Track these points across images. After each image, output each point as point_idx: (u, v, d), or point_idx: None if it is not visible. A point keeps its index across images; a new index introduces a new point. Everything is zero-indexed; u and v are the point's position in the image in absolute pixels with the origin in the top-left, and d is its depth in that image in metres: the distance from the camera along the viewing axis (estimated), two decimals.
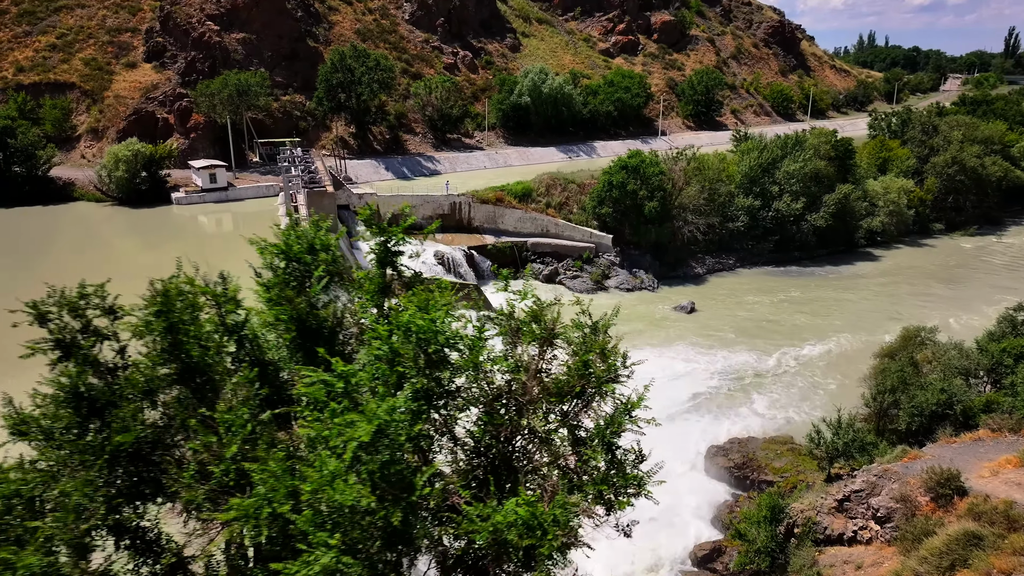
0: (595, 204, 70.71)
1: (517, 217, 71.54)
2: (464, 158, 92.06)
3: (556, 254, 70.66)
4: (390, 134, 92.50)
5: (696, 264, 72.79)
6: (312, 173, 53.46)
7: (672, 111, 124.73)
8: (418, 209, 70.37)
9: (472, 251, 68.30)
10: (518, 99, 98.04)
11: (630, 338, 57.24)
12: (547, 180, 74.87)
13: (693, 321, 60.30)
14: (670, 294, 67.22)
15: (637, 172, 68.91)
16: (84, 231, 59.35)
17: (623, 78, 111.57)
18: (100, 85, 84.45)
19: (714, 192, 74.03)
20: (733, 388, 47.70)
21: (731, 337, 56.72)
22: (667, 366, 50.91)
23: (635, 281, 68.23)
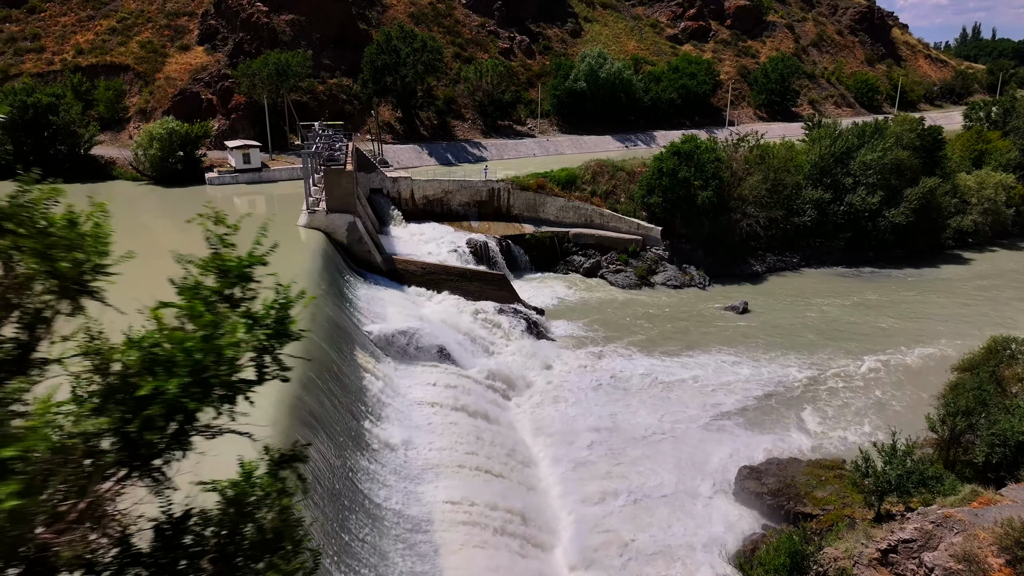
0: (644, 193, 65.30)
1: (559, 206, 66.92)
2: (512, 145, 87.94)
3: (599, 246, 65.68)
4: (438, 119, 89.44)
5: (755, 262, 66.26)
6: (335, 152, 50.60)
7: (743, 101, 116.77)
8: (454, 195, 66.88)
9: (508, 241, 64.17)
10: (573, 84, 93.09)
11: (673, 337, 52.12)
12: (594, 167, 69.89)
13: (745, 323, 54.23)
14: (723, 293, 61.16)
15: (690, 158, 63.09)
16: (114, 208, 58.48)
17: (688, 64, 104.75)
18: (153, 67, 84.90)
19: (779, 183, 67.29)
20: (782, 399, 41.77)
21: (787, 342, 50.47)
22: (709, 370, 45.42)
23: (684, 278, 62.47)
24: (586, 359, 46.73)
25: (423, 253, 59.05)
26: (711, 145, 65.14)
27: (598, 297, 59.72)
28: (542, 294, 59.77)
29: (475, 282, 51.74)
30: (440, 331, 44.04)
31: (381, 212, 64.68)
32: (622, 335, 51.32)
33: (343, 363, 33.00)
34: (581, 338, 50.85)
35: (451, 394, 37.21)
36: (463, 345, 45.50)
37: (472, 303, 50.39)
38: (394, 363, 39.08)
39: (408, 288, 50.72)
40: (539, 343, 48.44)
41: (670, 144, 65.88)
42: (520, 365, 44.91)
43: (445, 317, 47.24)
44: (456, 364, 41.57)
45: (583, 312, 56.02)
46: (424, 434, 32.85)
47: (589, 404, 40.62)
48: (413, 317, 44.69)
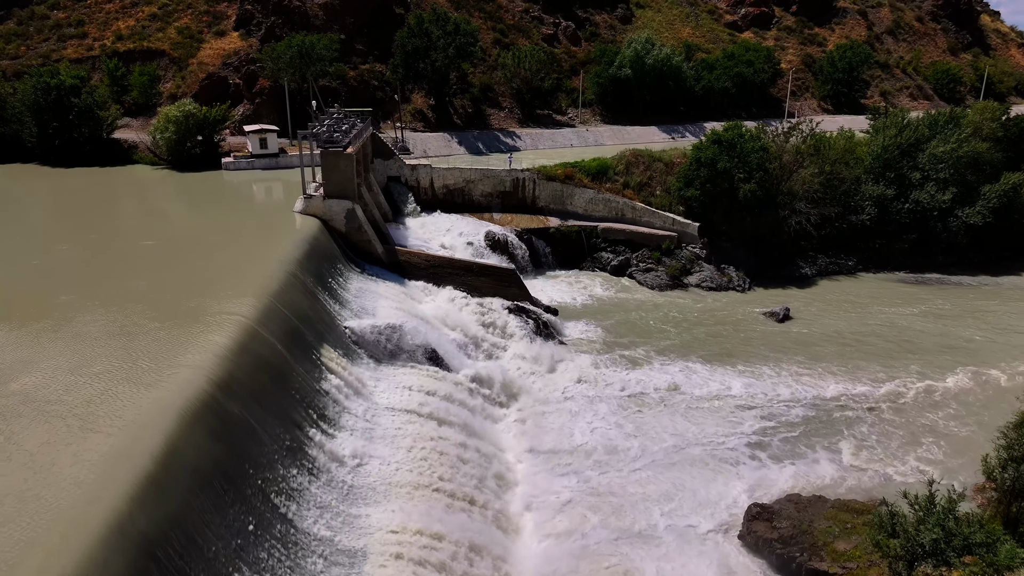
0: (681, 186, 59.73)
1: (588, 198, 62.03)
2: (549, 135, 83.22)
3: (630, 242, 60.49)
4: (472, 108, 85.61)
5: (804, 263, 59.73)
6: (335, 134, 47.32)
7: (806, 91, 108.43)
8: (476, 185, 62.93)
9: (531, 234, 59.77)
10: (617, 72, 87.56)
11: (701, 346, 46.63)
12: (628, 156, 64.63)
13: (785, 330, 48.25)
14: (764, 297, 55.11)
15: (733, 148, 57.19)
16: (111, 192, 56.95)
17: (746, 51, 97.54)
18: (187, 52, 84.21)
19: (834, 177, 60.51)
20: (817, 422, 36.02)
21: (832, 355, 44.37)
22: (737, 384, 40.01)
23: (722, 279, 56.65)
24: (598, 367, 41.95)
25: (435, 245, 55.37)
26: (756, 134, 58.98)
27: (624, 298, 54.65)
28: (562, 292, 55.17)
29: (482, 277, 47.62)
30: (432, 329, 40.16)
31: (397, 201, 61.31)
32: (644, 341, 46.26)
33: (300, 362, 29.45)
34: (597, 343, 46.05)
35: (430, 401, 33.24)
36: (460, 345, 41.50)
37: (477, 300, 46.30)
38: (373, 363, 35.38)
39: (410, 282, 47.04)
40: (547, 346, 43.92)
41: (710, 132, 60.07)
42: (520, 370, 40.56)
43: (444, 314, 43.34)
44: (445, 366, 37.57)
45: (605, 313, 51.13)
46: (385, 446, 28.95)
47: (592, 419, 35.94)
48: (406, 313, 40.92)
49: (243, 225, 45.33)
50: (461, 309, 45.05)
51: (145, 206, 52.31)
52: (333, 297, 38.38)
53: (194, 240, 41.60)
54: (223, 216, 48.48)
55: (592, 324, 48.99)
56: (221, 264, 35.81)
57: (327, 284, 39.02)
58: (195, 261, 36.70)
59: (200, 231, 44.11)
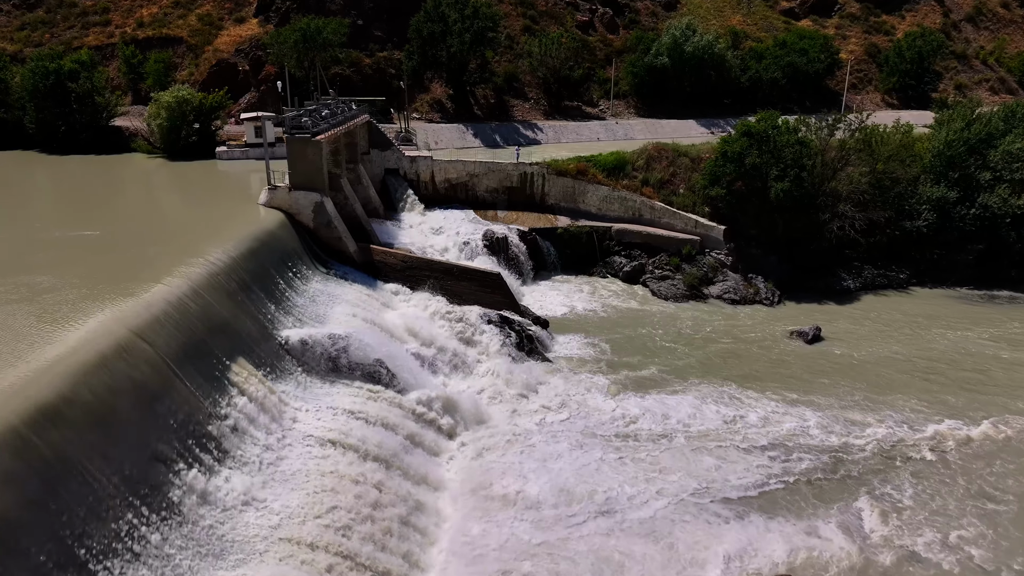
0: (707, 184, 52.99)
1: (602, 196, 55.96)
2: (574, 128, 77.15)
3: (647, 246, 54.16)
4: (495, 98, 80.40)
5: (846, 275, 52.17)
6: (309, 119, 42.87)
7: (868, 84, 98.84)
8: (480, 179, 57.73)
9: (536, 234, 54.17)
10: (653, 60, 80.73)
11: (711, 369, 40.06)
12: (651, 150, 58.20)
13: (813, 354, 41.27)
14: (795, 312, 48.00)
15: (765, 141, 50.22)
16: (88, 181, 54.10)
17: (800, 39, 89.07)
18: (204, 39, 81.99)
19: (887, 176, 52.72)
20: (837, 472, 29.36)
21: (866, 385, 37.31)
22: (744, 419, 33.59)
23: (748, 290, 49.75)
24: (584, 392, 36.09)
25: (426, 244, 50.47)
26: (795, 125, 51.75)
27: (633, 309, 48.47)
28: (564, 300, 49.42)
29: (463, 281, 42.35)
30: (390, 341, 35.12)
31: (393, 195, 56.66)
32: (646, 361, 40.13)
33: (192, 381, 24.77)
34: (590, 362, 40.17)
35: (360, 429, 28.17)
36: (423, 360, 36.32)
37: (454, 307, 41.07)
38: (309, 380, 30.59)
39: (384, 284, 42.20)
40: (527, 364, 38.31)
41: (740, 123, 53.15)
42: (487, 393, 35.11)
43: (411, 322, 38.26)
44: (396, 385, 32.42)
45: (608, 327, 45.15)
46: (286, 487, 24.01)
47: (562, 458, 30.18)
48: (365, 321, 36.04)
49: (199, 218, 41.35)
50: (433, 317, 39.91)
51: (112, 196, 49.10)
52: (276, 302, 33.74)
53: (137, 233, 37.65)
54: (184, 208, 44.79)
55: (589, 339, 43.07)
56: (143, 261, 31.57)
57: (272, 287, 34.42)
58: (119, 256, 32.61)
59: (150, 223, 40.30)
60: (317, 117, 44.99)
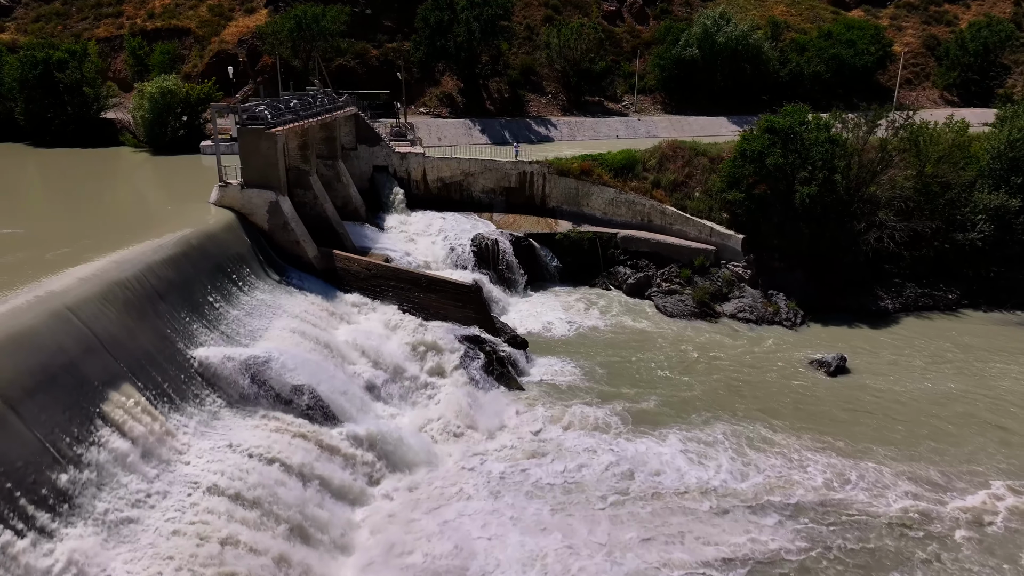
0: (724, 187, 46.93)
1: (608, 198, 50.43)
2: (591, 125, 71.57)
3: (656, 255, 48.43)
4: (510, 92, 75.40)
5: (884, 294, 45.45)
6: (266, 108, 38.69)
7: (925, 79, 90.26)
8: (476, 179, 52.82)
9: (532, 240, 48.98)
10: (682, 52, 74.54)
11: (710, 406, 30.07)
12: (665, 148, 52.33)
13: (835, 389, 35.06)
14: (819, 336, 41.64)
15: (790, 139, 43.96)
16: (57, 174, 51.19)
17: (847, 29, 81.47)
18: (212, 31, 79.34)
19: (936, 180, 45.78)
20: (841, 557, 23.44)
21: (895, 433, 31.10)
22: (734, 474, 27.90)
23: (766, 309, 43.57)
24: (548, 430, 30.85)
25: (407, 250, 45.87)
26: (826, 121, 45.30)
27: (634, 328, 42.84)
28: (556, 315, 44.14)
29: (431, 293, 37.50)
30: (331, 363, 30.54)
31: (381, 195, 52.23)
32: (636, 393, 34.62)
33: (39, 415, 20.56)
34: (569, 391, 34.85)
35: (262, 472, 23.60)
36: (371, 387, 31.71)
37: (419, 323, 36.29)
38: (218, 409, 26.22)
39: (345, 295, 37.68)
40: (493, 394, 33.27)
41: (762, 118, 46.91)
42: (437, 428, 30.17)
43: (364, 340, 33.62)
44: (329, 417, 27.83)
45: (600, 348, 39.72)
46: (134, 552, 19.59)
47: (499, 517, 25.07)
48: (308, 339, 31.57)
49: (141, 217, 37.62)
50: (391, 334, 35.19)
51: (68, 192, 45.87)
52: (201, 315, 29.46)
53: (66, 232, 33.96)
54: (132, 205, 41.22)
55: (575, 363, 37.71)
56: (45, 266, 27.68)
57: (200, 297, 30.16)
58: (25, 258, 28.86)
59: (87, 222, 36.65)
60: (281, 108, 40.73)
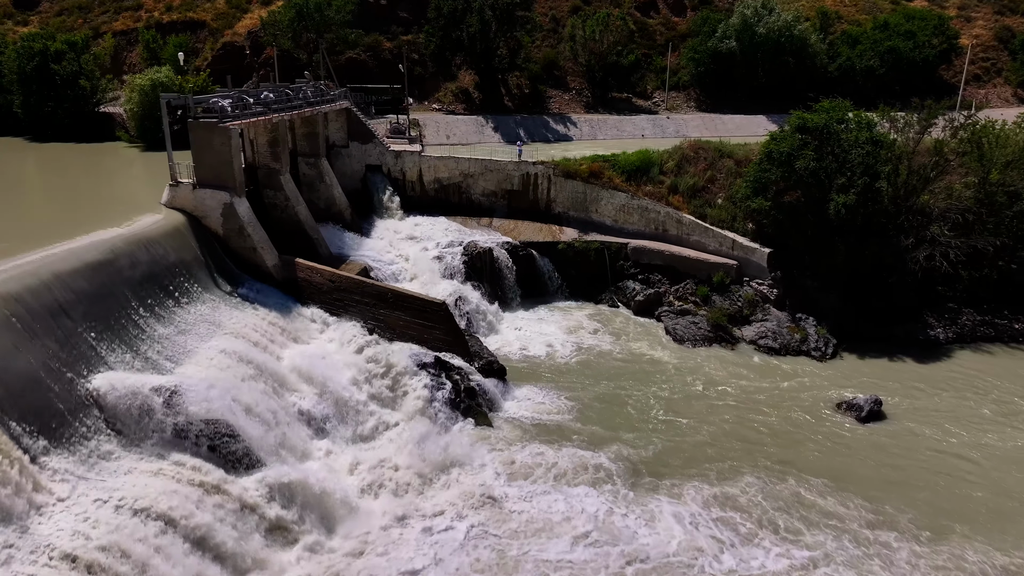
0: (749, 193, 41.19)
1: (619, 204, 45.24)
2: (615, 123, 66.15)
3: (671, 269, 43.07)
4: (531, 88, 70.62)
5: (935, 321, 39.06)
6: (223, 99, 34.98)
7: (996, 75, 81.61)
8: (476, 180, 48.29)
9: (531, 249, 44.20)
10: (719, 44, 68.49)
11: (708, 457, 20.45)
12: (686, 149, 46.82)
13: (866, 438, 29.26)
14: (852, 371, 35.63)
15: (826, 138, 38.05)
16: (27, 171, 48.70)
17: (906, 20, 73.91)
18: (227, 23, 76.96)
19: (1001, 190, 39.17)
20: None
21: (941, 505, 25.19)
22: (721, 556, 22.69)
23: (793, 335, 37.74)
24: (513, 483, 26.08)
25: (391, 259, 41.70)
26: (868, 120, 39.18)
27: (638, 353, 37.60)
28: (551, 335, 39.28)
29: (399, 310, 33.10)
30: (251, 393, 26.31)
31: (372, 196, 48.20)
32: (633, 436, 29.59)
33: None
34: (549, 429, 30.00)
35: (139, 532, 19.56)
36: (311, 420, 27.51)
37: (381, 344, 31.97)
38: (110, 448, 22.31)
39: (304, 309, 33.66)
40: (454, 431, 28.68)
41: (794, 115, 41.04)
42: (374, 474, 25.69)
43: (312, 365, 29.43)
44: (238, 459, 23.73)
45: (593, 376, 34.73)
46: None
47: None
48: (243, 362, 27.56)
49: (78, 218, 33.97)
50: (347, 358, 30.89)
51: (26, 189, 43.07)
52: (115, 334, 25.68)
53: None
54: (76, 205, 38.03)
55: (563, 395, 32.81)
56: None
57: (120, 312, 26.42)
58: None
59: (12, 222, 33.24)
60: (248, 100, 36.93)
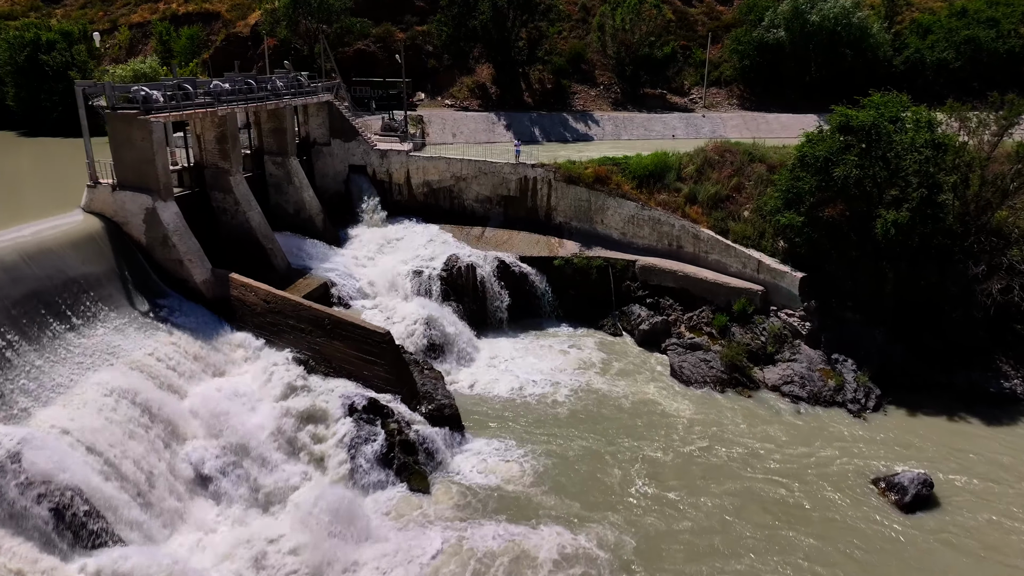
0: (779, 205, 34.26)
1: (627, 215, 38.93)
2: (643, 121, 59.40)
3: (683, 293, 36.54)
4: (554, 83, 64.64)
5: (1012, 369, 31.38)
6: (150, 89, 30.51)
7: None
8: (469, 184, 42.78)
9: (524, 264, 38.36)
10: (765, 34, 61.06)
11: (706, 554, 17.20)
12: (710, 151, 40.10)
13: (911, 533, 22.34)
14: (899, 431, 28.49)
15: (875, 140, 30.96)
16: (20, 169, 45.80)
17: (989, 5, 64.66)
18: (240, 15, 73.83)
19: None
20: None
21: None
22: None
23: (827, 382, 30.78)
24: None
25: (360, 273, 36.60)
26: (931, 118, 31.85)
27: (635, 396, 31.28)
28: (532, 369, 33.42)
29: (338, 339, 27.83)
30: (126, 445, 21.46)
31: (354, 200, 43.26)
32: (608, 516, 23.52)
33: None
34: (503, 500, 24.19)
35: None
36: (203, 475, 22.47)
37: (312, 380, 26.77)
38: None
39: (235, 333, 28.77)
40: (378, 497, 23.29)
41: (837, 111, 34.05)
42: (254, 564, 20.38)
43: (218, 404, 24.48)
44: (91, 533, 18.85)
45: (574, 425, 28.74)
46: None
47: None
48: (131, 400, 22.82)
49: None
50: (266, 396, 25.77)
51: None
52: None
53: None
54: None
55: (530, 451, 26.90)
56: None
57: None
58: None
59: None
60: (190, 90, 32.34)
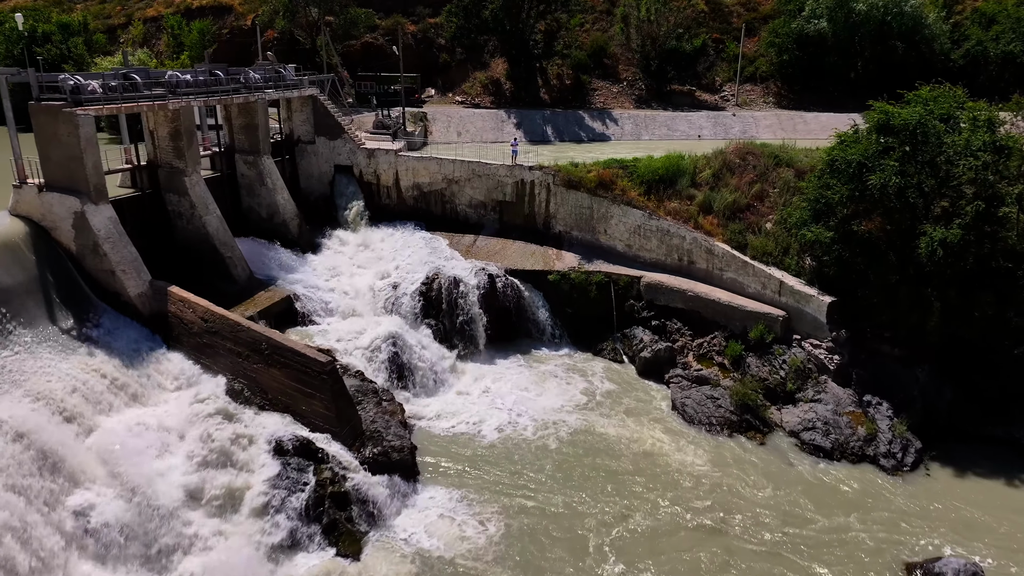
0: (806, 217, 29.36)
1: (632, 225, 34.45)
2: (666, 120, 54.49)
3: (693, 315, 31.93)
4: (572, 78, 60.31)
5: None
6: (102, 81, 27.41)
7: None
8: (463, 187, 38.90)
9: (516, 278, 34.24)
10: (805, 25, 55.57)
11: None
12: (731, 153, 35.32)
13: None
14: (944, 497, 23.49)
15: (921, 142, 25.97)
16: None
17: None
18: (251, 8, 71.40)
19: None
20: None
21: None
22: None
23: (856, 429, 25.88)
24: None
25: (329, 286, 33.07)
26: (990, 116, 26.58)
27: (628, 437, 26.89)
28: (509, 402, 29.26)
29: (275, 367, 24.18)
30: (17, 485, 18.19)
31: (337, 204, 39.79)
32: None
33: None
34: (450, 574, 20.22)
35: None
36: (91, 530, 19.13)
37: (241, 412, 23.22)
38: None
39: (168, 354, 25.44)
40: (297, 564, 19.40)
41: (876, 107, 29.12)
42: None
43: (123, 445, 21.10)
44: None
45: (551, 476, 24.65)
46: None
47: None
48: (17, 439, 19.58)
49: None
50: (186, 433, 22.28)
51: None
52: None
53: None
54: None
55: (491, 508, 22.84)
56: None
57: None
58: None
59: None
60: (137, 80, 29.19)
